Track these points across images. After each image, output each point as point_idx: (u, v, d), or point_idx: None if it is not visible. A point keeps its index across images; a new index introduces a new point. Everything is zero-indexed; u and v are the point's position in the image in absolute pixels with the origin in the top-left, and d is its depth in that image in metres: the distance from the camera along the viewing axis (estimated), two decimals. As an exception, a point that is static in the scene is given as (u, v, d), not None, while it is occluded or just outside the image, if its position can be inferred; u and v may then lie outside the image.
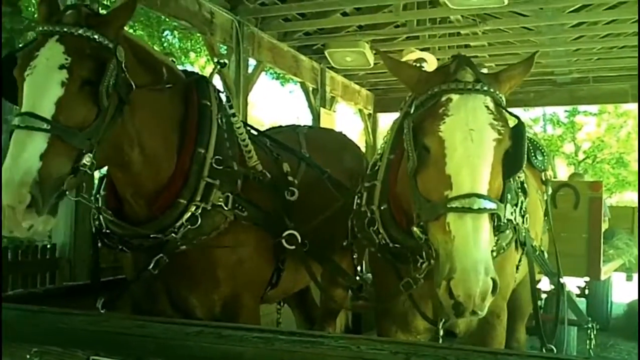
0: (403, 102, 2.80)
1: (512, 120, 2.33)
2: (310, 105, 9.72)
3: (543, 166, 4.00)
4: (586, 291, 8.43)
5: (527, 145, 3.72)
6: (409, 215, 2.45)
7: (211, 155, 2.82)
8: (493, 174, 2.21)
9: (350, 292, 4.00)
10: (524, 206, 2.93)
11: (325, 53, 8.61)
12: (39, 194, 2.16)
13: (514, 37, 8.63)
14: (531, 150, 3.95)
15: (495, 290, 2.07)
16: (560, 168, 24.54)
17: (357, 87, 11.27)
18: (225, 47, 7.40)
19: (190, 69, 12.17)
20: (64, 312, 2.28)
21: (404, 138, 2.32)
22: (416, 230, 2.28)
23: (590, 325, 4.10)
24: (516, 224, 2.78)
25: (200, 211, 2.76)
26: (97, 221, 2.88)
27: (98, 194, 2.93)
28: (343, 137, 4.69)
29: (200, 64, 17.45)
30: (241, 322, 2.75)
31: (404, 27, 8.29)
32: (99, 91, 2.31)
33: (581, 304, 5.72)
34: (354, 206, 2.98)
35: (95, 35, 2.38)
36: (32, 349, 1.92)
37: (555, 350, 3.20)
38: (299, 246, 3.04)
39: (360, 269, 3.64)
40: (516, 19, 7.81)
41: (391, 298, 2.77)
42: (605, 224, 7.71)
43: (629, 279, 9.37)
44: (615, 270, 8.49)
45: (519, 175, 2.86)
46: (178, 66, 3.13)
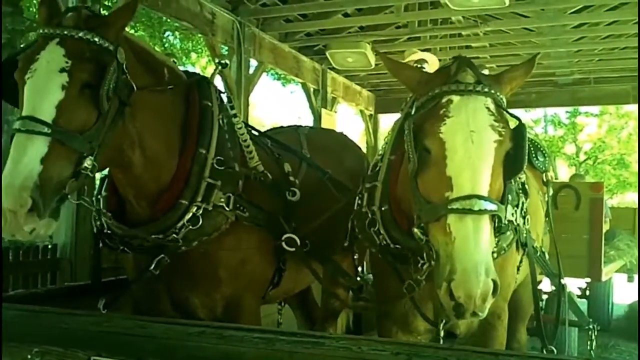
0: (404, 103, 2.81)
1: (513, 122, 2.33)
2: (311, 106, 9.73)
3: (544, 167, 3.99)
4: (587, 292, 8.43)
5: (528, 146, 3.73)
6: (410, 216, 2.45)
7: (212, 156, 2.82)
8: (494, 175, 2.21)
9: (350, 293, 4.00)
10: (525, 207, 2.93)
11: (327, 54, 8.61)
12: (40, 198, 2.16)
13: (515, 38, 8.63)
14: (532, 151, 3.95)
15: (495, 292, 2.07)
16: (561, 169, 24.54)
17: (358, 88, 11.28)
18: (227, 48, 7.41)
19: (192, 69, 12.17)
20: (65, 313, 2.28)
21: (404, 139, 2.32)
22: (417, 231, 2.28)
23: (591, 326, 4.10)
24: (517, 225, 2.77)
25: (201, 212, 2.76)
26: (99, 222, 2.89)
27: (99, 195, 2.93)
28: (344, 138, 4.69)
29: (202, 64, 17.45)
30: (242, 323, 2.75)
31: (405, 28, 8.30)
32: (99, 94, 2.31)
33: (582, 305, 5.74)
34: (354, 207, 2.98)
35: (96, 38, 2.37)
36: (33, 349, 1.92)
37: (555, 351, 3.20)
38: (299, 248, 3.04)
39: (361, 269, 3.64)
40: (517, 20, 7.82)
41: (393, 300, 2.77)
42: (606, 225, 7.70)
43: (630, 280, 9.37)
44: (616, 272, 8.48)
45: (519, 176, 2.85)
46: (179, 67, 3.13)
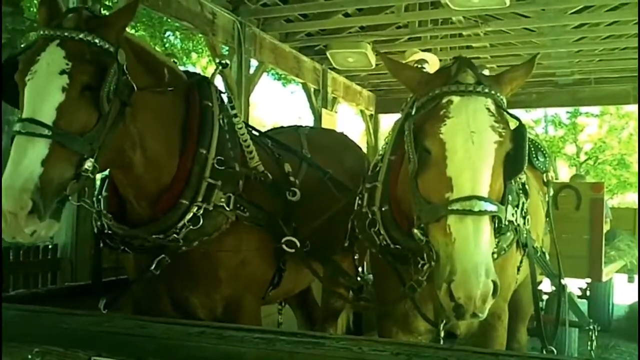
0: (404, 103, 2.81)
1: (514, 122, 2.33)
2: (311, 106, 9.73)
3: (544, 167, 3.99)
4: (587, 293, 8.43)
5: (529, 147, 3.73)
6: (410, 216, 2.45)
7: (213, 156, 2.83)
8: (494, 176, 2.21)
9: (351, 293, 4.00)
10: (525, 207, 2.93)
11: (327, 54, 8.62)
12: (40, 200, 2.16)
13: (515, 39, 8.64)
14: (533, 151, 3.95)
15: (495, 293, 2.07)
16: (561, 169, 24.53)
17: (359, 88, 11.28)
18: (227, 48, 7.42)
19: (192, 69, 12.18)
20: (66, 313, 2.29)
21: (404, 140, 2.32)
22: (417, 232, 2.28)
23: (591, 327, 4.10)
24: (517, 225, 2.77)
25: (202, 212, 2.76)
26: (99, 222, 2.89)
27: (100, 195, 2.93)
28: (344, 138, 4.69)
29: (202, 64, 17.46)
30: (242, 323, 2.75)
31: (406, 28, 8.31)
32: (99, 96, 2.30)
33: (582, 306, 5.74)
34: (355, 207, 2.98)
35: (96, 40, 2.37)
36: (34, 349, 1.92)
37: (555, 352, 3.19)
38: (298, 249, 3.04)
39: (361, 269, 3.64)
40: (518, 20, 7.82)
41: (393, 300, 2.77)
42: (606, 226, 7.70)
43: (630, 280, 9.37)
44: (616, 272, 8.48)
45: (520, 177, 2.86)
46: (180, 67, 3.13)
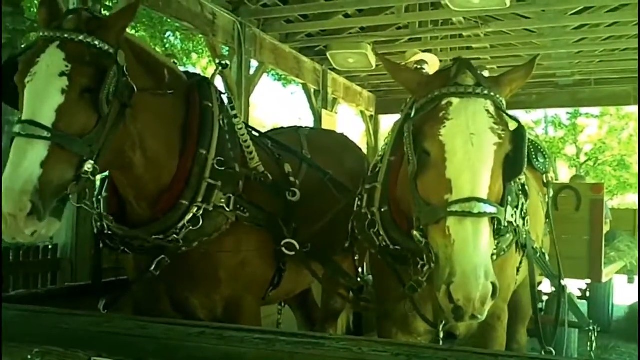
0: (404, 104, 2.81)
1: (513, 124, 2.33)
2: (312, 106, 9.73)
3: (544, 168, 3.99)
4: (587, 293, 8.42)
5: (529, 147, 3.73)
6: (410, 217, 2.45)
7: (213, 157, 2.83)
8: (493, 177, 2.21)
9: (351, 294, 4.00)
10: (525, 208, 2.93)
11: (327, 55, 8.61)
12: (40, 201, 2.16)
13: (516, 39, 8.63)
14: (532, 152, 3.95)
15: (495, 295, 2.08)
16: (561, 170, 24.52)
17: (359, 89, 11.28)
18: (227, 49, 7.42)
19: (192, 70, 12.18)
20: (66, 313, 2.28)
21: (404, 141, 2.32)
22: (416, 234, 2.28)
23: (591, 328, 4.10)
24: (516, 226, 2.78)
25: (202, 212, 2.77)
26: (99, 222, 2.89)
27: (99, 196, 2.93)
28: (344, 139, 4.69)
29: (202, 65, 17.47)
30: (242, 323, 2.75)
31: (406, 29, 8.30)
32: (99, 98, 2.31)
33: (582, 307, 5.72)
34: (354, 208, 2.98)
35: (96, 42, 2.37)
36: (34, 349, 1.92)
37: (554, 352, 3.20)
38: (298, 250, 3.04)
39: (361, 270, 3.64)
40: (518, 21, 7.82)
41: (393, 301, 2.77)
42: (606, 226, 7.70)
43: (630, 281, 9.37)
44: (616, 273, 8.49)
45: (519, 178, 2.86)
46: (180, 67, 3.14)
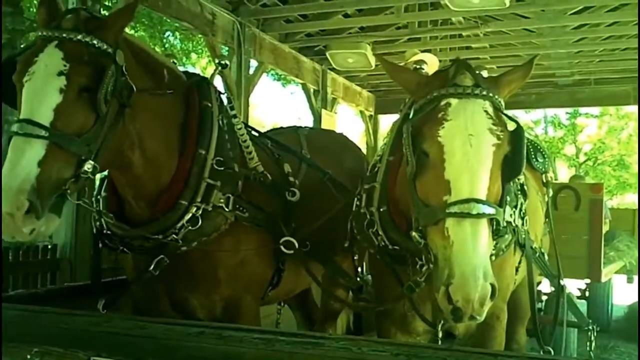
0: (403, 104, 2.81)
1: (512, 124, 2.33)
2: (311, 106, 9.73)
3: (544, 168, 3.99)
4: (587, 293, 8.43)
5: (528, 147, 3.73)
6: (408, 217, 2.46)
7: (212, 157, 2.83)
8: (492, 178, 2.22)
9: (350, 293, 4.00)
10: (524, 208, 2.93)
11: (327, 54, 8.61)
12: (38, 200, 2.16)
13: (515, 39, 8.63)
14: (532, 152, 3.95)
15: (494, 296, 2.08)
16: (561, 170, 24.52)
17: (359, 89, 11.28)
18: (227, 49, 7.42)
19: (192, 70, 12.18)
20: (66, 313, 2.29)
21: (403, 142, 2.32)
22: (415, 234, 2.28)
23: (590, 327, 4.09)
24: (515, 226, 2.78)
25: (201, 212, 2.77)
26: (98, 222, 2.89)
27: (99, 195, 2.93)
28: (344, 139, 4.69)
29: (202, 65, 17.47)
30: (242, 323, 2.75)
31: (406, 29, 8.31)
32: (97, 98, 2.31)
33: (582, 306, 5.72)
34: (353, 208, 2.98)
35: (95, 41, 2.37)
36: (33, 349, 1.92)
37: (552, 352, 3.20)
38: (297, 250, 3.04)
39: (361, 270, 3.65)
40: (518, 20, 7.82)
41: (392, 301, 2.78)
42: (606, 226, 7.71)
43: (629, 281, 9.38)
44: (616, 273, 8.50)
45: (518, 178, 2.86)
46: (179, 67, 3.14)
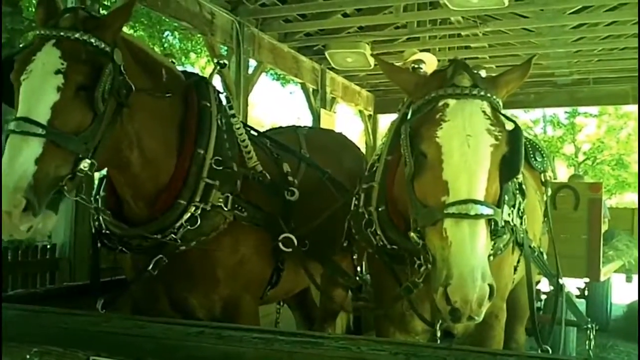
0: (401, 104, 2.81)
1: (510, 125, 2.33)
2: (310, 106, 9.74)
3: (542, 167, 4.00)
4: (586, 292, 8.45)
5: (527, 146, 3.74)
6: (407, 217, 2.46)
7: (211, 156, 2.83)
8: (490, 179, 2.22)
9: (350, 293, 4.01)
10: (522, 207, 2.94)
11: (326, 54, 8.62)
12: (35, 197, 2.16)
13: (514, 39, 8.63)
14: (530, 151, 3.96)
15: (492, 296, 2.08)
16: (560, 169, 24.54)
17: (358, 88, 11.28)
18: (226, 48, 7.42)
19: (191, 69, 12.18)
20: (65, 313, 2.29)
21: (401, 143, 2.32)
22: (413, 235, 2.28)
23: (589, 326, 4.10)
24: (513, 225, 2.78)
25: (199, 212, 2.77)
26: (97, 222, 2.89)
27: (98, 195, 2.93)
28: (343, 138, 4.69)
29: (201, 64, 17.47)
30: (241, 323, 2.75)
31: (405, 29, 8.31)
32: (94, 96, 2.31)
33: (581, 305, 5.73)
34: (351, 207, 2.98)
35: (92, 39, 2.38)
36: (32, 349, 1.92)
37: (550, 351, 3.20)
38: (296, 248, 3.04)
39: (360, 269, 3.65)
40: (517, 20, 7.82)
41: (390, 301, 2.78)
42: (605, 225, 7.72)
43: (628, 280, 9.40)
44: (614, 272, 8.51)
45: (516, 177, 2.86)
46: (178, 67, 3.14)
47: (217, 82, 6.61)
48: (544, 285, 6.44)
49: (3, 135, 2.28)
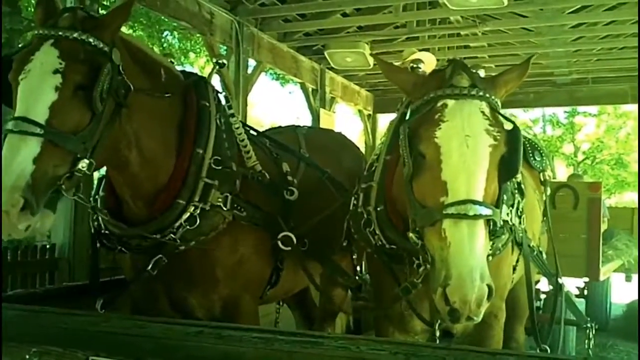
0: (400, 104, 2.81)
1: (509, 125, 2.33)
2: (309, 105, 9.73)
3: (542, 167, 4.00)
4: (585, 292, 8.45)
5: (526, 146, 3.73)
6: (405, 216, 2.46)
7: (210, 156, 2.83)
8: (488, 179, 2.22)
9: (349, 292, 4.01)
10: (521, 207, 2.94)
11: (325, 54, 8.61)
12: (32, 197, 2.17)
13: (513, 38, 8.63)
14: (529, 150, 3.95)
15: (490, 296, 2.08)
16: (559, 169, 24.55)
17: (357, 88, 11.28)
18: (225, 48, 7.41)
19: (190, 69, 12.18)
20: (64, 313, 2.29)
21: (399, 143, 2.32)
22: (412, 235, 2.28)
23: (589, 326, 4.10)
24: (512, 224, 2.78)
25: (198, 212, 2.77)
26: (96, 222, 2.89)
27: (97, 195, 2.93)
28: (342, 138, 4.69)
29: (200, 64, 17.47)
30: (240, 323, 2.75)
31: (404, 28, 8.30)
32: (92, 96, 2.31)
33: (580, 305, 5.74)
34: (350, 207, 2.98)
35: (90, 39, 2.38)
36: (32, 349, 1.92)
37: (549, 350, 3.20)
38: (295, 247, 3.04)
39: (360, 269, 3.65)
40: (516, 19, 7.82)
41: (389, 302, 2.78)
42: (604, 225, 7.72)
43: (628, 279, 9.40)
44: (614, 271, 8.52)
45: (515, 177, 2.86)
46: (177, 67, 3.14)
47: (216, 82, 6.61)
48: (544, 285, 6.45)
49: (3, 133, 2.28)
